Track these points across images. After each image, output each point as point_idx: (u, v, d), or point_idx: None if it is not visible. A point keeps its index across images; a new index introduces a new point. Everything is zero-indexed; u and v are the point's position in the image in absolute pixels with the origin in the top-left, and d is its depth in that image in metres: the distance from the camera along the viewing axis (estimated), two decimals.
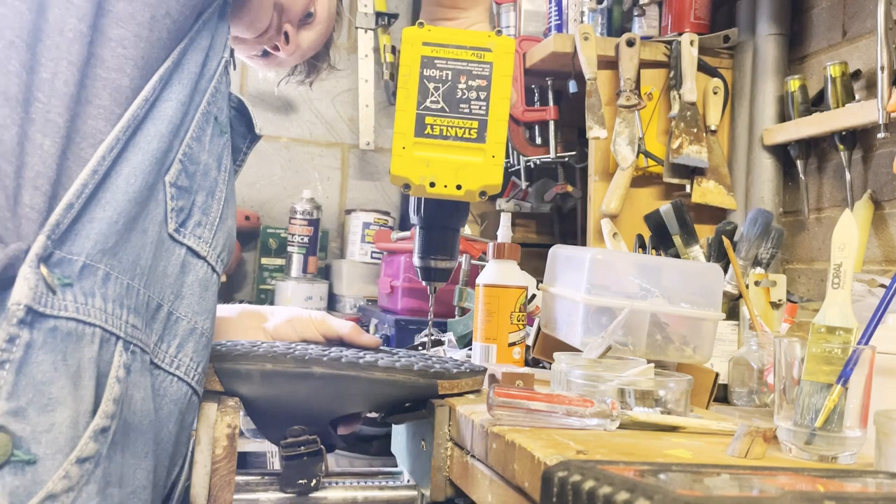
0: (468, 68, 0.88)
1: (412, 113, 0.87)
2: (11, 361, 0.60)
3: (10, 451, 0.60)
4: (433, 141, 0.88)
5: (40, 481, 0.61)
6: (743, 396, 1.14)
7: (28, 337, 0.61)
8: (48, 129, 0.64)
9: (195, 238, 0.77)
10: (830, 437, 0.74)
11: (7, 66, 0.64)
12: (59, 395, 0.62)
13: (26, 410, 0.60)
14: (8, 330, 0.60)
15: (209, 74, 0.77)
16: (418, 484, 1.02)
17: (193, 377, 0.79)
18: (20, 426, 0.60)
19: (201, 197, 0.77)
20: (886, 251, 1.44)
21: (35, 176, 0.63)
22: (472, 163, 0.90)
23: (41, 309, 0.62)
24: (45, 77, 0.65)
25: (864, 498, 0.51)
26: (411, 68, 0.86)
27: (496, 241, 1.24)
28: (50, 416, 0.61)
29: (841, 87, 1.48)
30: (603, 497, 0.47)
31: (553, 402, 0.82)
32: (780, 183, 1.69)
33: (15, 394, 0.60)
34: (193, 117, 0.75)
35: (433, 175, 0.89)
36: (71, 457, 0.62)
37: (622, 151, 1.70)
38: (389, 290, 2.01)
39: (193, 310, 0.77)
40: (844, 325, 0.75)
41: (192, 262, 0.77)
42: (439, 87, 0.87)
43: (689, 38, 1.72)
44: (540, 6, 2.01)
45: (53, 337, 0.62)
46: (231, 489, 0.86)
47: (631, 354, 1.03)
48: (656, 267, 1.11)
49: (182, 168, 0.74)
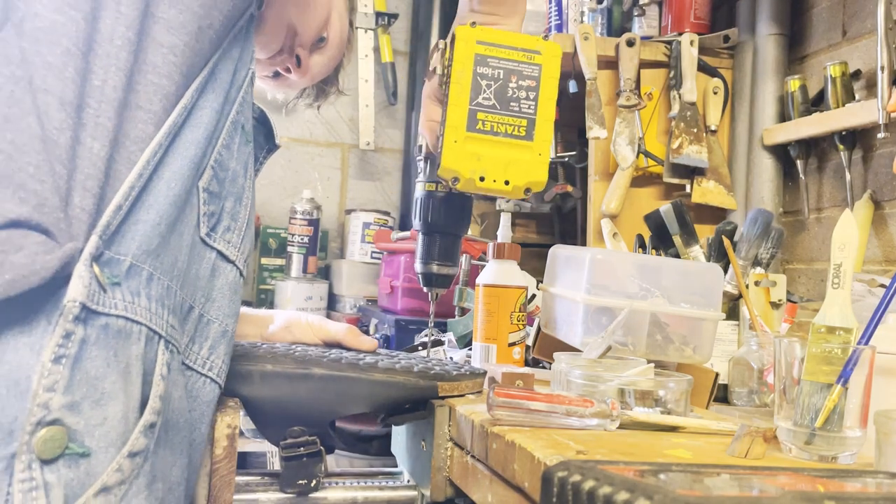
0: (519, 69, 0.89)
1: (465, 108, 0.87)
2: (67, 357, 0.62)
3: (66, 444, 0.61)
4: (484, 136, 0.89)
5: (94, 473, 0.62)
6: (743, 396, 1.14)
7: (82, 333, 0.63)
8: (98, 133, 0.66)
9: (225, 242, 0.79)
10: (830, 437, 0.74)
11: (64, 72, 0.66)
12: (111, 390, 0.64)
13: (80, 405, 0.62)
14: (65, 326, 0.62)
15: (238, 84, 0.80)
16: (418, 484, 1.02)
17: (223, 379, 0.81)
18: (75, 420, 0.62)
19: (230, 202, 0.79)
20: (886, 251, 1.44)
21: (85, 178, 0.65)
22: (521, 159, 0.91)
23: (94, 306, 0.64)
24: (96, 84, 0.67)
25: (864, 498, 0.51)
26: (465, 65, 0.86)
27: (496, 241, 1.24)
28: (103, 411, 0.63)
29: (841, 87, 1.48)
30: (603, 497, 0.47)
31: (553, 402, 0.82)
32: (780, 183, 1.69)
33: (70, 388, 0.62)
34: (224, 125, 0.77)
35: (483, 169, 0.90)
36: (123, 451, 0.64)
37: (622, 151, 1.70)
38: (389, 290, 2.01)
39: (224, 312, 0.79)
40: (844, 325, 0.75)
41: (221, 266, 0.79)
42: (491, 85, 0.87)
43: (689, 38, 1.72)
44: (540, 6, 2.01)
45: (105, 333, 0.64)
46: (231, 489, 0.86)
47: (631, 354, 1.03)
48: (656, 267, 1.11)
49: (214, 174, 0.76)
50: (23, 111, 0.64)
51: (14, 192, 0.62)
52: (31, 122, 0.64)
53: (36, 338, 0.61)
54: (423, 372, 0.94)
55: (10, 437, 0.60)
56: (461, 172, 0.90)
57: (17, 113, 0.64)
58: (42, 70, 0.65)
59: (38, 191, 0.63)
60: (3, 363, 0.61)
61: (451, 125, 0.88)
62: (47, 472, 0.60)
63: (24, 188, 0.63)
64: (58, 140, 0.65)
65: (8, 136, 0.63)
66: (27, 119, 0.64)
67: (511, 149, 0.91)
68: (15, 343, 0.61)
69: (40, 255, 0.61)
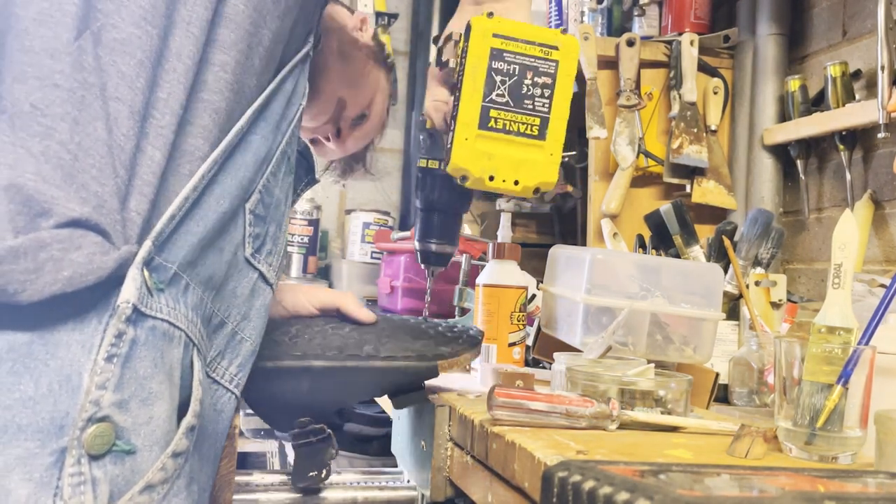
0: (535, 64, 0.86)
1: (478, 104, 0.84)
2: (119, 356, 0.64)
3: (113, 440, 0.63)
4: (496, 135, 0.86)
5: (139, 471, 0.64)
6: (743, 396, 1.14)
7: (133, 334, 0.65)
8: (159, 143, 0.69)
9: (267, 265, 0.81)
10: (831, 437, 0.74)
11: (136, 82, 0.68)
12: (157, 390, 0.66)
13: (129, 403, 0.64)
14: (117, 326, 0.64)
15: (289, 118, 0.82)
16: (418, 484, 1.02)
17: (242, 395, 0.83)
18: (123, 417, 0.64)
19: (273, 227, 0.82)
20: (887, 251, 1.44)
21: (143, 184, 0.68)
22: (532, 159, 0.88)
23: (143, 309, 0.66)
24: (162, 96, 0.70)
25: (865, 498, 0.51)
26: (480, 59, 0.83)
27: (496, 241, 1.24)
28: (149, 410, 0.65)
29: (841, 87, 1.48)
30: (603, 497, 0.47)
31: (553, 402, 0.82)
32: (780, 183, 1.69)
33: (120, 386, 0.64)
34: (274, 154, 0.80)
35: (494, 168, 0.87)
36: (168, 450, 0.66)
37: (622, 151, 1.70)
38: (389, 290, 2.01)
39: (257, 332, 0.81)
40: (845, 325, 0.75)
41: (261, 288, 0.81)
42: (506, 81, 0.84)
43: (690, 37, 1.72)
44: (540, 6, 2.01)
45: (153, 335, 0.66)
46: (231, 489, 0.86)
47: (631, 354, 1.03)
48: (656, 267, 1.11)
49: (261, 198, 0.79)
50: (92, 116, 0.66)
51: (77, 192, 0.65)
52: (98, 126, 0.67)
53: (87, 336, 0.63)
54: (422, 354, 0.94)
55: (61, 432, 0.61)
56: (471, 171, 0.87)
57: (86, 117, 0.66)
58: (116, 79, 0.68)
59: (99, 193, 0.65)
60: (55, 358, 0.62)
61: (462, 122, 0.85)
62: (95, 467, 0.62)
63: (87, 189, 0.65)
64: (124, 146, 0.67)
65: (76, 138, 0.66)
66: (95, 123, 0.66)
67: (523, 148, 0.88)
68: (67, 340, 0.63)
69: (98, 255, 0.63)
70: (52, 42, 0.67)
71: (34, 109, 0.65)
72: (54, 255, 0.62)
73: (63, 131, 0.65)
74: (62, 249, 0.62)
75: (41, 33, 0.66)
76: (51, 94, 0.66)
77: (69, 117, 0.66)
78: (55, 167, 0.64)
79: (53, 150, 0.65)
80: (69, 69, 0.66)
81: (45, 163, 0.64)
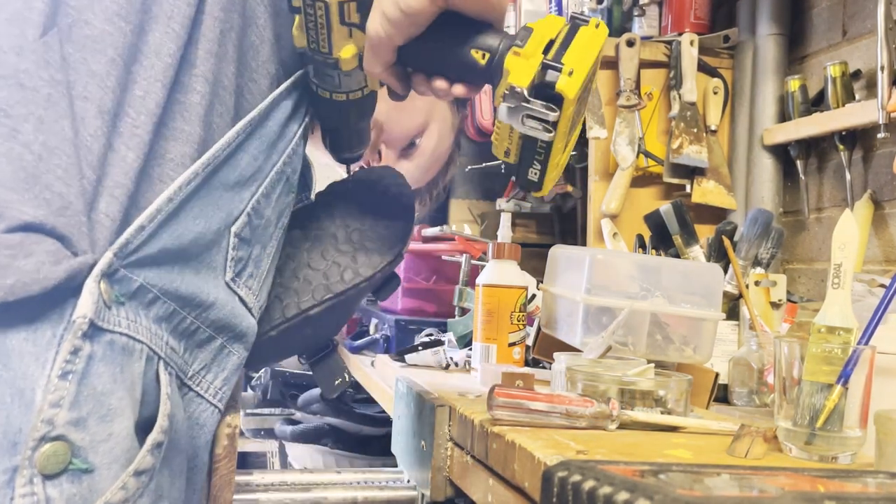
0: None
1: (566, 149, 0.81)
2: (74, 373, 0.61)
3: (69, 459, 0.61)
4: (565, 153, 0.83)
5: (97, 490, 0.62)
6: (743, 396, 1.14)
7: (90, 349, 0.62)
8: (133, 143, 0.67)
9: (247, 289, 0.79)
10: (830, 437, 0.74)
11: (107, 81, 0.66)
12: (117, 406, 0.64)
13: (86, 420, 0.62)
14: (73, 342, 0.61)
15: (288, 137, 0.80)
16: (418, 484, 1.02)
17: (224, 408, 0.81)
18: (80, 436, 0.61)
19: (257, 250, 0.79)
20: (886, 251, 1.44)
21: (114, 186, 0.65)
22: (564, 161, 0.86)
23: (100, 323, 0.63)
24: (138, 94, 0.68)
25: (865, 498, 0.51)
26: (569, 118, 0.75)
27: (496, 241, 1.24)
28: (108, 427, 0.63)
29: (841, 87, 1.48)
30: (603, 497, 0.47)
31: (553, 402, 0.82)
32: (780, 183, 1.69)
33: (77, 404, 0.61)
34: (268, 174, 0.78)
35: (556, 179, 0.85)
36: (129, 469, 0.64)
37: (622, 151, 1.70)
38: None
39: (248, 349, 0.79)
40: (844, 325, 0.75)
41: (241, 310, 0.78)
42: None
43: (689, 38, 1.72)
44: (540, 6, 2.01)
45: (111, 350, 0.64)
46: (231, 489, 0.86)
47: (631, 354, 1.03)
48: (656, 267, 1.11)
49: (248, 221, 0.76)
50: (58, 114, 0.64)
51: (38, 194, 0.62)
52: (65, 125, 0.64)
53: (41, 348, 0.61)
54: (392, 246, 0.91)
55: (14, 450, 0.59)
56: (548, 188, 0.84)
57: (52, 115, 0.64)
58: (85, 77, 0.66)
59: (64, 193, 0.63)
60: (8, 369, 0.60)
61: (554, 164, 0.80)
62: (49, 487, 0.60)
63: (50, 189, 0.63)
64: (91, 146, 0.65)
65: (41, 137, 0.64)
66: (61, 122, 0.64)
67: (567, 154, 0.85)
68: (20, 350, 0.61)
69: (47, 264, 0.61)
70: (18, 40, 0.65)
71: None
72: (0, 261, 0.59)
73: (27, 132, 0.63)
74: (10, 256, 0.60)
75: (9, 31, 0.65)
76: (15, 94, 0.64)
77: (33, 117, 0.64)
78: (16, 169, 0.62)
79: (16, 152, 0.63)
80: (34, 67, 0.64)
81: (6, 165, 0.62)
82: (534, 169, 0.79)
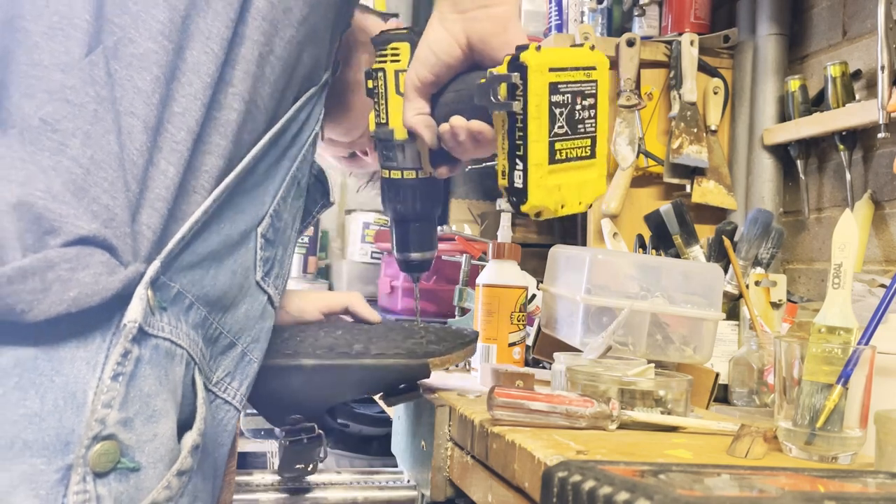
0: (581, 88, 0.86)
1: (545, 142, 0.83)
2: (124, 374, 0.64)
3: (118, 458, 0.63)
4: (561, 165, 0.85)
5: (143, 488, 0.64)
6: (743, 396, 1.14)
7: (138, 352, 0.65)
8: (173, 158, 0.69)
9: (274, 288, 0.82)
10: (830, 438, 0.74)
11: (152, 98, 0.68)
12: (162, 408, 0.66)
13: (133, 421, 0.64)
14: (124, 345, 0.64)
15: (301, 143, 0.82)
16: (418, 484, 1.02)
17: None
18: (128, 435, 0.64)
19: (280, 251, 0.82)
20: (886, 251, 1.44)
21: (155, 198, 0.68)
22: (590, 179, 0.89)
23: (147, 328, 0.66)
24: (177, 111, 0.70)
25: (865, 498, 0.51)
26: (542, 97, 0.81)
27: (496, 241, 1.24)
28: (154, 427, 0.66)
29: (841, 87, 1.48)
30: (603, 497, 0.47)
31: (553, 402, 0.82)
32: (780, 183, 1.69)
33: (125, 405, 0.64)
34: (284, 179, 0.81)
35: (563, 198, 0.86)
36: (173, 469, 0.66)
37: (622, 151, 1.70)
38: (389, 290, 2.01)
39: (262, 352, 0.82)
40: (845, 325, 0.75)
41: (269, 310, 0.82)
42: (563, 112, 0.84)
43: (690, 38, 1.72)
44: (540, 6, 2.01)
45: (157, 353, 0.67)
46: (231, 489, 0.86)
47: (631, 354, 1.03)
48: (656, 267, 1.11)
49: (272, 223, 0.79)
50: (104, 130, 0.66)
51: (88, 206, 0.65)
52: (111, 139, 0.66)
53: (91, 353, 0.64)
54: (412, 351, 0.94)
55: (67, 449, 0.61)
56: (546, 206, 0.85)
57: (98, 131, 0.66)
58: (131, 94, 0.68)
59: (110, 206, 0.65)
60: (60, 375, 0.62)
61: (535, 163, 0.83)
62: (100, 485, 0.62)
63: (98, 202, 0.65)
64: (136, 161, 0.67)
65: (88, 152, 0.66)
66: (108, 137, 0.66)
67: (581, 171, 0.88)
68: (72, 356, 0.63)
69: (104, 275, 0.64)
70: (63, 57, 0.66)
71: (44, 124, 0.65)
72: (62, 274, 0.62)
73: (75, 146, 0.65)
74: (70, 269, 0.62)
75: (51, 48, 0.66)
76: (62, 109, 0.66)
77: (80, 132, 0.66)
78: (66, 182, 0.64)
79: (65, 166, 0.65)
80: (80, 84, 0.66)
81: (56, 178, 0.64)
82: (518, 171, 0.82)
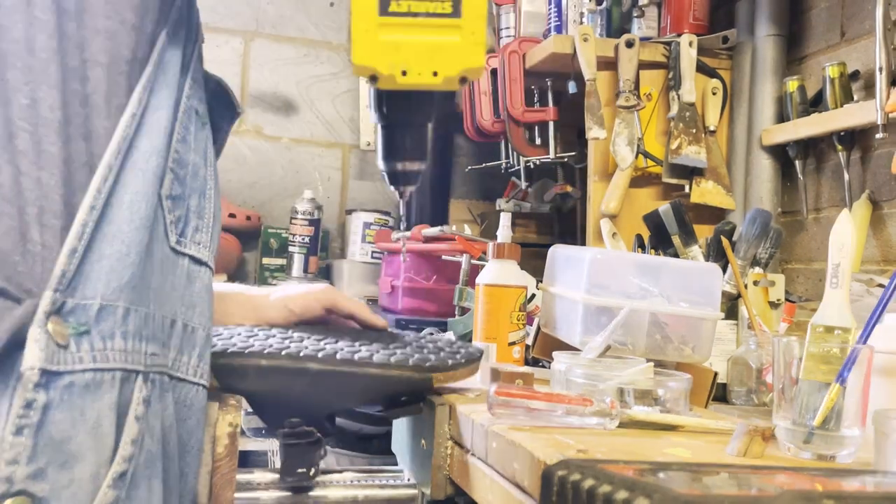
0: None
1: None
2: (30, 426, 0.59)
3: None
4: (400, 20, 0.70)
5: None
6: (742, 396, 1.14)
7: (45, 399, 0.59)
8: (44, 162, 0.61)
9: (195, 245, 0.74)
10: (829, 437, 0.74)
11: None
12: (77, 451, 0.61)
13: (45, 471, 0.59)
14: (24, 396, 0.58)
15: (185, 66, 0.72)
16: (418, 483, 1.02)
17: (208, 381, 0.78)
18: (40, 487, 0.59)
19: (194, 200, 0.73)
20: (884, 251, 1.44)
21: (39, 212, 0.61)
22: (449, 43, 0.72)
23: (55, 368, 0.60)
24: (24, 103, 0.61)
25: (863, 497, 0.52)
26: None
27: (496, 241, 1.24)
28: (69, 473, 0.61)
29: (839, 88, 1.49)
30: (602, 496, 0.48)
31: (553, 401, 0.83)
32: (778, 183, 1.69)
33: (34, 457, 0.59)
34: (177, 117, 0.70)
35: (405, 62, 0.71)
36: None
37: (621, 152, 1.70)
38: (390, 290, 2.02)
39: (206, 316, 0.76)
40: (843, 324, 0.75)
41: (195, 270, 0.74)
42: None
43: (688, 38, 1.72)
44: (539, 7, 2.01)
45: (70, 393, 0.61)
46: (232, 488, 0.86)
47: (630, 354, 1.03)
48: (655, 267, 1.11)
49: (174, 176, 0.70)
50: None
51: None
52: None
53: None
54: (418, 365, 0.93)
55: None
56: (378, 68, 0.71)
57: None
58: None
59: None
60: None
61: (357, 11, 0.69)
62: None
63: None
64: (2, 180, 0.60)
65: None
66: None
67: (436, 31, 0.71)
68: None
69: None
70: None
71: None
72: None
73: None
74: None
75: None
76: None
77: None
78: None
79: None
80: None
81: None
82: None
